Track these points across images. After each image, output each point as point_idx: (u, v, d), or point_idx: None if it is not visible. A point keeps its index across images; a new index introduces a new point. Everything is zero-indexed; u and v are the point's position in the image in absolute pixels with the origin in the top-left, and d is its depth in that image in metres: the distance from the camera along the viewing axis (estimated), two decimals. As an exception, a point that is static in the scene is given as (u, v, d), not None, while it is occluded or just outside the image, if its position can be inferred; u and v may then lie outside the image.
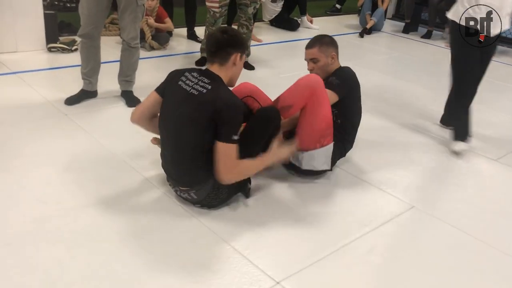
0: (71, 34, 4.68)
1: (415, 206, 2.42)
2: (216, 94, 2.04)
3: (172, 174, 2.22)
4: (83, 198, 2.23)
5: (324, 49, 2.62)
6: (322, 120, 2.42)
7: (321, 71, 2.63)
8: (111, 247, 1.93)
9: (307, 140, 2.44)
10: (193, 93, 2.07)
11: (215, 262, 1.89)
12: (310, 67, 2.68)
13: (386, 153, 2.98)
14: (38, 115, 3.03)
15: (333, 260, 1.98)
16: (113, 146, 2.72)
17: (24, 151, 2.59)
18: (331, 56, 2.63)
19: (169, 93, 2.20)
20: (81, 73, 3.31)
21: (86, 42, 3.18)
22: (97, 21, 3.13)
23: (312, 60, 2.65)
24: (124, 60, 3.33)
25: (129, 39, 3.22)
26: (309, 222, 2.22)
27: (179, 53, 4.74)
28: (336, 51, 2.67)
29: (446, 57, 5.66)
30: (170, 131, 2.15)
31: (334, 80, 2.56)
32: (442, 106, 3.89)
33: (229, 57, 2.14)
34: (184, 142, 2.09)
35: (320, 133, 2.43)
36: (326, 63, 2.63)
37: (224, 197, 2.20)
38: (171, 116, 2.14)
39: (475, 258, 2.09)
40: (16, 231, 1.96)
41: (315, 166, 2.50)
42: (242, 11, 4.20)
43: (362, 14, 6.48)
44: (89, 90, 3.34)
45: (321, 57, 2.62)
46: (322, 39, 2.68)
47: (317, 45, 2.63)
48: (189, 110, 2.06)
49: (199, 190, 2.13)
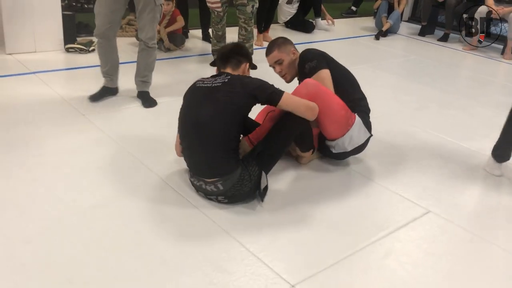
0: (89, 35, 4.73)
1: (431, 211, 2.40)
2: (239, 78, 2.26)
3: (199, 167, 2.25)
4: (100, 197, 2.25)
5: (283, 49, 2.71)
6: (338, 111, 2.51)
7: (289, 69, 2.73)
8: (127, 246, 1.94)
9: (337, 131, 2.55)
10: (217, 86, 2.23)
11: (230, 264, 1.89)
12: (278, 70, 2.75)
13: (403, 157, 2.96)
14: (55, 115, 3.07)
15: (348, 264, 1.97)
16: (130, 146, 2.74)
17: (42, 150, 2.63)
18: (292, 52, 2.73)
19: (192, 96, 2.32)
20: (101, 72, 3.37)
21: (102, 41, 3.22)
22: (113, 20, 3.15)
23: (277, 62, 2.72)
24: (142, 60, 3.35)
25: (147, 39, 3.25)
26: (325, 225, 2.21)
27: (195, 54, 4.77)
28: (293, 46, 2.76)
29: (463, 60, 5.66)
30: (197, 125, 2.21)
31: (309, 65, 2.63)
32: (458, 109, 3.86)
33: (240, 65, 2.38)
34: (214, 133, 2.18)
35: (344, 119, 2.54)
36: (290, 60, 2.72)
37: (247, 190, 2.24)
38: (198, 110, 2.23)
39: (492, 264, 2.07)
40: (35, 229, 1.99)
41: (358, 142, 2.61)
42: (241, 11, 4.19)
43: (378, 16, 6.45)
44: (110, 87, 3.40)
45: (283, 57, 2.71)
46: (276, 41, 2.78)
47: (275, 47, 2.73)
48: (219, 97, 2.19)
49: (226, 180, 2.18)
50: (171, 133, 2.87)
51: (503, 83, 5.00)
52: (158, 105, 3.40)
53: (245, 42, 4.32)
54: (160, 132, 2.98)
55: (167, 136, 2.89)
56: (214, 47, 4.41)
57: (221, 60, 2.40)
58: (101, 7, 3.10)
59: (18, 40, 4.09)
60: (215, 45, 4.39)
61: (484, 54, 5.87)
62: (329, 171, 2.70)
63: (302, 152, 2.65)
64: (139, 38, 3.30)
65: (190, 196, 2.31)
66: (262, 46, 5.21)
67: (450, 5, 6.14)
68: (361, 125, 2.59)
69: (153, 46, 3.31)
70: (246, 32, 4.29)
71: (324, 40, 5.76)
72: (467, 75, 5.20)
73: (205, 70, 4.22)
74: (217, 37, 4.35)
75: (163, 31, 4.59)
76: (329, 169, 2.73)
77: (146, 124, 3.10)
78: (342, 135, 2.55)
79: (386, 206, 2.42)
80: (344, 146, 2.60)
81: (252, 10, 4.20)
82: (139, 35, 3.29)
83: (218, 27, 4.28)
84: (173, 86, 3.73)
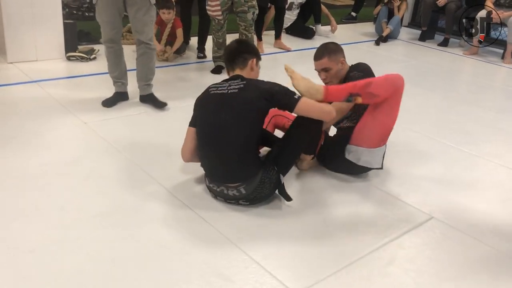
0: (90, 43, 4.77)
1: (434, 217, 2.40)
2: (255, 83, 2.27)
3: (221, 174, 2.26)
4: (103, 206, 2.25)
5: (333, 57, 2.69)
6: (391, 122, 2.52)
7: (334, 78, 2.70)
8: (131, 255, 1.94)
9: (372, 138, 2.53)
10: (233, 92, 2.23)
11: (233, 272, 1.89)
12: (323, 77, 2.72)
13: (405, 163, 2.96)
14: (57, 124, 3.08)
15: (352, 271, 1.96)
16: (132, 154, 2.74)
17: (45, 158, 2.63)
18: (341, 62, 2.70)
19: (205, 103, 2.33)
20: (112, 77, 3.42)
21: (112, 46, 3.29)
22: (116, 26, 3.26)
23: (324, 70, 2.69)
24: (144, 64, 3.38)
25: (148, 40, 3.31)
26: (328, 232, 2.21)
27: (195, 61, 4.77)
28: (343, 55, 2.74)
29: (463, 65, 5.67)
30: (220, 131, 2.23)
31: (356, 74, 2.61)
32: (460, 115, 3.86)
33: (246, 62, 2.36)
34: (235, 137, 2.20)
35: (384, 134, 2.55)
36: (337, 70, 2.69)
37: (267, 192, 2.28)
38: (217, 117, 2.23)
39: (497, 270, 2.06)
40: (39, 239, 1.99)
41: (371, 164, 2.59)
42: (241, 18, 4.21)
43: (378, 22, 6.47)
44: (122, 91, 3.46)
45: (332, 66, 2.68)
46: (328, 47, 2.73)
47: (326, 54, 2.69)
48: (237, 104, 2.21)
49: (249, 184, 2.21)
50: (173, 140, 2.87)
51: (503, 88, 5.00)
52: (160, 113, 3.41)
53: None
54: (162, 139, 2.99)
55: (169, 143, 2.89)
56: (215, 54, 4.42)
57: (228, 62, 2.40)
58: (102, 15, 3.18)
59: (20, 48, 4.11)
60: (215, 52, 4.41)
61: (484, 58, 5.88)
62: (330, 178, 2.70)
63: (304, 154, 2.63)
64: (138, 40, 3.31)
65: (193, 205, 2.31)
66: (263, 52, 5.22)
67: (450, 10, 6.15)
68: (383, 153, 2.61)
69: (154, 47, 3.39)
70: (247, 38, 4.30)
71: (324, 46, 5.76)
72: (467, 80, 5.20)
73: (205, 78, 4.24)
74: (218, 45, 4.36)
75: (169, 51, 4.58)
76: (332, 176, 2.72)
77: (147, 131, 3.10)
78: (371, 146, 2.54)
79: (389, 213, 2.41)
80: (359, 157, 2.56)
81: (252, 17, 4.21)
82: (139, 38, 3.29)
83: (218, 35, 4.30)
84: (173, 94, 3.73)
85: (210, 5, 4.12)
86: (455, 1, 6.20)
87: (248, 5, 4.13)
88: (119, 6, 3.18)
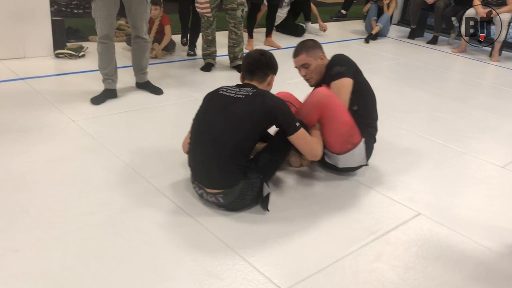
0: (79, 40, 4.73)
1: (421, 214, 2.41)
2: (263, 95, 2.23)
3: (202, 175, 2.23)
4: (90, 205, 2.23)
5: (311, 52, 2.67)
6: (342, 126, 2.50)
7: (315, 73, 2.69)
8: (119, 254, 1.93)
9: (336, 145, 2.55)
10: (239, 97, 2.22)
11: (221, 269, 1.89)
12: (303, 73, 2.72)
13: (393, 160, 2.97)
14: (45, 121, 3.05)
15: (340, 267, 1.97)
16: (120, 153, 2.73)
17: (31, 157, 2.61)
18: (320, 57, 2.69)
19: (211, 102, 2.30)
20: (102, 74, 3.45)
21: (107, 42, 3.35)
22: (113, 22, 3.33)
23: (303, 66, 2.69)
24: (140, 55, 3.58)
25: (143, 34, 3.48)
26: (316, 229, 2.22)
27: (184, 59, 4.76)
28: (322, 51, 2.73)
29: (452, 62, 5.71)
30: (212, 133, 2.19)
31: (337, 68, 2.60)
32: (448, 112, 3.89)
33: (266, 78, 2.36)
34: (226, 143, 2.15)
35: (345, 137, 2.52)
36: (317, 65, 2.68)
37: (248, 202, 2.26)
38: (215, 118, 2.21)
39: (482, 266, 2.08)
40: (23, 238, 1.97)
41: (351, 164, 2.61)
42: (231, 16, 4.20)
43: (368, 19, 6.49)
44: (112, 89, 3.50)
45: (310, 61, 2.67)
46: (305, 44, 2.72)
47: (304, 50, 2.68)
48: (237, 111, 2.18)
49: (227, 194, 2.17)
50: (162, 138, 2.88)
51: (491, 85, 5.04)
52: (149, 110, 3.40)
53: (236, 46, 4.33)
54: (151, 137, 2.98)
55: (158, 141, 2.89)
56: (205, 51, 4.41)
57: (247, 72, 2.36)
58: (100, 11, 3.23)
59: (7, 45, 4.07)
60: (205, 49, 4.40)
61: (472, 56, 5.92)
62: (319, 175, 2.71)
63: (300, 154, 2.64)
64: (135, 35, 3.48)
65: (182, 203, 2.31)
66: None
67: (438, 8, 6.20)
68: (362, 150, 2.59)
69: (149, 40, 3.62)
70: (236, 36, 4.30)
71: (314, 44, 5.77)
72: (456, 78, 5.24)
73: (195, 75, 4.23)
74: (207, 42, 4.35)
75: (157, 48, 4.56)
76: (320, 173, 2.73)
77: (136, 129, 3.09)
78: (340, 152, 2.55)
79: (377, 209, 2.43)
80: (336, 161, 2.60)
81: (242, 14, 4.21)
82: (135, 32, 3.47)
83: (208, 32, 4.29)
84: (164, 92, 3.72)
85: (199, 2, 4.11)
86: (444, -1, 6.25)
87: (237, 3, 4.13)
88: (117, 3, 3.25)
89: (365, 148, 2.60)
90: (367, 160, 2.67)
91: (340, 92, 2.56)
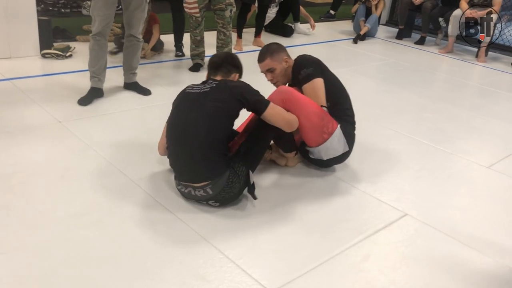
0: (66, 40, 4.69)
1: (408, 214, 2.43)
2: (226, 83, 2.30)
3: (187, 173, 2.25)
4: (77, 207, 2.22)
5: (275, 57, 2.69)
6: (311, 117, 2.49)
7: (281, 77, 2.72)
8: (105, 256, 1.92)
9: (311, 138, 2.56)
10: (205, 91, 2.26)
11: (208, 271, 1.89)
12: (270, 77, 2.74)
13: (380, 161, 2.99)
14: (31, 122, 3.02)
15: (327, 268, 1.98)
16: (107, 154, 2.71)
17: (18, 159, 2.58)
18: (284, 61, 2.71)
19: (181, 101, 2.36)
20: (90, 71, 3.44)
21: (100, 39, 3.35)
22: (110, 20, 3.34)
23: (269, 71, 2.71)
24: (131, 54, 3.59)
25: (138, 34, 3.51)
26: (303, 230, 2.23)
27: (173, 59, 4.74)
28: (286, 53, 2.75)
29: (439, 63, 5.76)
30: (185, 131, 2.24)
31: (305, 71, 2.62)
32: (435, 112, 3.93)
33: (230, 74, 2.43)
34: (204, 137, 2.20)
35: (318, 127, 2.52)
36: (282, 68, 2.70)
37: (236, 191, 2.28)
38: (186, 115, 2.26)
39: (468, 267, 2.10)
40: (9, 240, 1.96)
41: (334, 154, 2.62)
42: (219, 16, 4.21)
43: (356, 20, 6.52)
44: (98, 87, 3.47)
45: (275, 65, 2.69)
46: (269, 48, 2.75)
47: (268, 55, 2.70)
48: (207, 103, 2.22)
49: (215, 184, 2.19)
50: (149, 139, 2.86)
51: (477, 86, 5.10)
52: (135, 111, 3.38)
53: (224, 47, 4.33)
54: (138, 138, 2.96)
55: (145, 142, 2.87)
56: (193, 52, 4.40)
57: (212, 68, 2.44)
58: (99, 9, 3.25)
59: (-8, 45, 4.02)
60: (193, 50, 4.39)
61: (459, 56, 5.98)
62: (307, 176, 2.72)
63: (284, 153, 2.68)
64: (129, 34, 3.49)
65: (168, 204, 2.30)
66: (241, 50, 5.22)
67: (426, 9, 6.25)
68: (340, 136, 2.58)
69: (141, 40, 3.61)
70: (224, 37, 4.29)
71: (303, 44, 5.80)
72: (443, 78, 5.29)
73: (183, 76, 4.22)
74: (196, 42, 4.34)
75: (146, 48, 4.52)
76: (308, 173, 2.74)
77: (123, 130, 3.07)
78: (317, 144, 2.57)
79: (364, 210, 2.44)
80: (320, 154, 2.62)
81: (230, 14, 4.20)
82: (129, 31, 3.49)
83: (196, 32, 4.28)
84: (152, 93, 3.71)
85: (188, 2, 4.10)
86: (431, 0, 6.30)
87: (225, 3, 4.12)
88: (116, 1, 3.28)
89: (344, 133, 2.59)
90: (349, 146, 2.66)
91: (316, 94, 2.58)
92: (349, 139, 2.65)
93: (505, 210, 2.58)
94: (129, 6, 3.38)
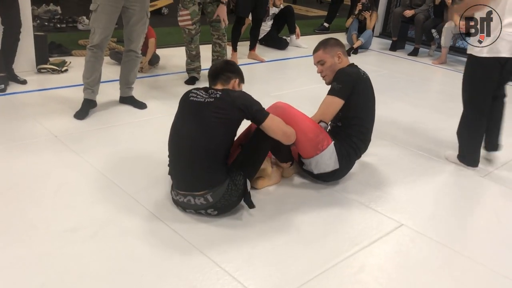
0: (61, 55, 4.71)
1: (404, 224, 2.44)
2: (231, 94, 2.31)
3: (187, 181, 2.28)
4: (73, 222, 2.22)
5: (329, 50, 2.73)
6: (306, 132, 2.52)
7: (330, 71, 2.75)
8: (101, 271, 1.92)
9: (304, 151, 2.59)
10: (209, 101, 2.28)
11: (205, 284, 1.89)
12: (319, 70, 2.80)
13: (375, 171, 3.01)
14: (27, 137, 3.03)
15: (324, 279, 1.99)
16: (104, 168, 2.72)
17: (14, 174, 2.58)
18: (337, 56, 2.74)
19: (183, 109, 2.38)
20: (84, 83, 3.46)
21: (97, 51, 3.38)
22: (109, 33, 3.38)
23: (319, 63, 2.76)
24: (129, 69, 3.62)
25: (137, 49, 3.55)
26: (299, 242, 2.23)
27: (169, 72, 4.77)
28: (342, 50, 2.77)
29: (433, 74, 5.81)
30: (188, 138, 2.27)
31: (335, 85, 2.67)
32: (429, 123, 3.95)
33: (229, 81, 2.44)
34: (202, 148, 2.23)
35: (311, 143, 2.55)
36: (333, 63, 2.73)
37: (235, 199, 2.30)
38: (192, 125, 2.28)
39: (465, 276, 2.11)
40: (4, 256, 1.95)
41: (324, 169, 2.63)
42: (215, 28, 4.25)
43: (349, 33, 6.59)
44: (90, 99, 3.49)
45: (326, 58, 2.73)
46: (326, 41, 2.80)
47: (321, 47, 2.76)
48: (210, 113, 2.25)
49: (216, 191, 2.22)
50: (145, 152, 2.87)
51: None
52: (131, 125, 3.39)
53: (220, 59, 4.35)
54: (134, 152, 2.97)
55: (141, 155, 2.88)
56: (188, 66, 4.42)
57: (211, 77, 2.47)
58: (100, 21, 3.29)
59: (-12, 61, 4.02)
60: (189, 64, 4.41)
61: (452, 67, 6.04)
62: (303, 187, 2.73)
63: (280, 163, 2.69)
64: (128, 49, 3.53)
65: (164, 217, 2.30)
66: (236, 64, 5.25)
67: (418, 21, 6.32)
68: (333, 153, 2.59)
69: (140, 55, 3.66)
70: (220, 49, 4.33)
71: (297, 57, 5.84)
72: (436, 89, 5.33)
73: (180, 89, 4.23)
74: (191, 57, 4.36)
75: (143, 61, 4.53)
76: (304, 184, 2.75)
77: (119, 143, 3.08)
78: (309, 156, 2.60)
79: (359, 221, 2.45)
80: (311, 167, 2.65)
81: (225, 26, 4.25)
82: (129, 46, 3.52)
83: (191, 47, 4.30)
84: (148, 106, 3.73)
85: (181, 15, 4.14)
86: (423, 12, 6.38)
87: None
88: (117, 15, 3.32)
89: (336, 151, 2.60)
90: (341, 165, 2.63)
91: (326, 108, 2.64)
92: (344, 158, 2.65)
93: (499, 219, 2.59)
94: (130, 21, 3.41)
